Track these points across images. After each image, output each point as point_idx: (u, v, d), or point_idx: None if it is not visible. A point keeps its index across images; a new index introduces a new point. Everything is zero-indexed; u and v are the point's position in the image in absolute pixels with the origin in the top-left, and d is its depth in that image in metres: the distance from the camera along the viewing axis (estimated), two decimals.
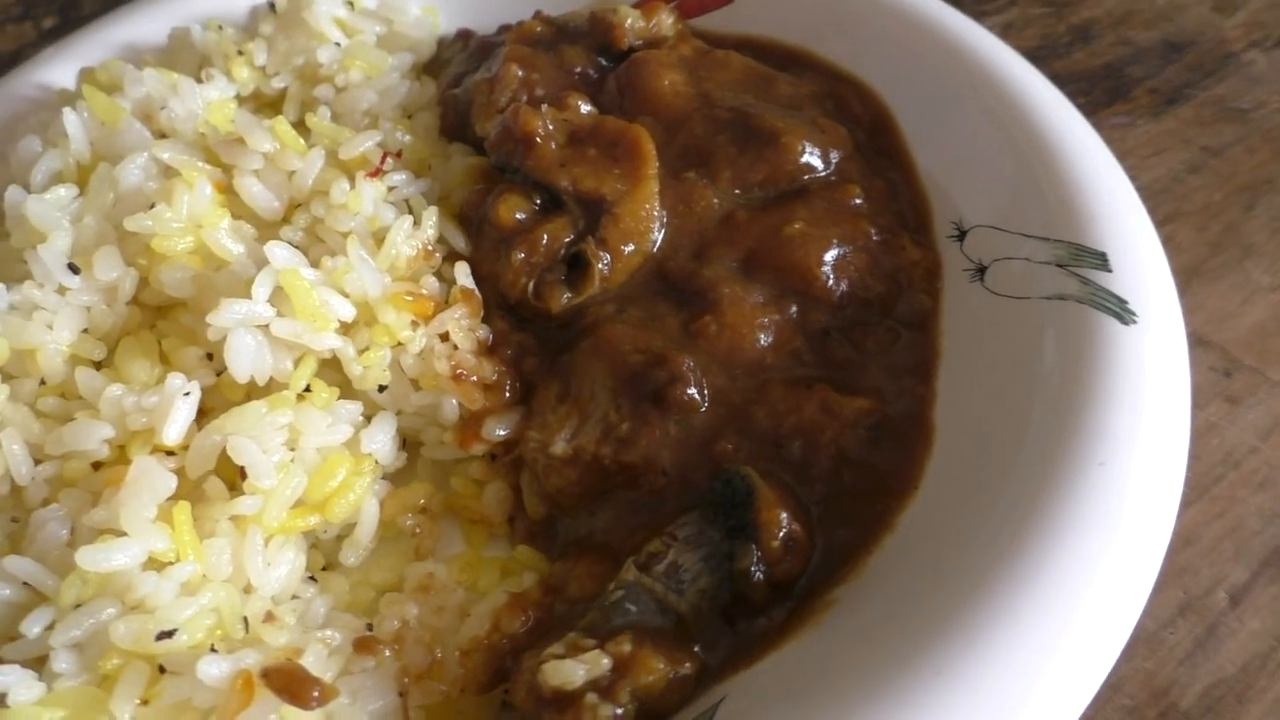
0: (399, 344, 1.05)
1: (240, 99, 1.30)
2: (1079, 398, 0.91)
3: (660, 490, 0.99)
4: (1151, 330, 0.96)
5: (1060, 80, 1.27)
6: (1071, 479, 0.85)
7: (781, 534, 0.90)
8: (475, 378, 1.07)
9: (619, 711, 0.80)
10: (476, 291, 1.12)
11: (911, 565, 0.90)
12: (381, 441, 1.05)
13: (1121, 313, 0.97)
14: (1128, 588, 0.81)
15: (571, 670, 0.80)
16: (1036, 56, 1.52)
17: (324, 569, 1.05)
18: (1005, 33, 1.78)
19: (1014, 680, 0.75)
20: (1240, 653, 1.02)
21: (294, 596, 0.97)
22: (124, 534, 0.86)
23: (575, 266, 1.15)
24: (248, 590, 0.93)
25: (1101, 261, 1.02)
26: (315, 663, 0.85)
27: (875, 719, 0.74)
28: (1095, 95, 1.68)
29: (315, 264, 1.05)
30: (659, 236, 1.16)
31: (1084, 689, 0.77)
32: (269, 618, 0.88)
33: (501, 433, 1.07)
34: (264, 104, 1.34)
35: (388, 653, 0.90)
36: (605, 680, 0.81)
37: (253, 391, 1.01)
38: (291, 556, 0.97)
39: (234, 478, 0.97)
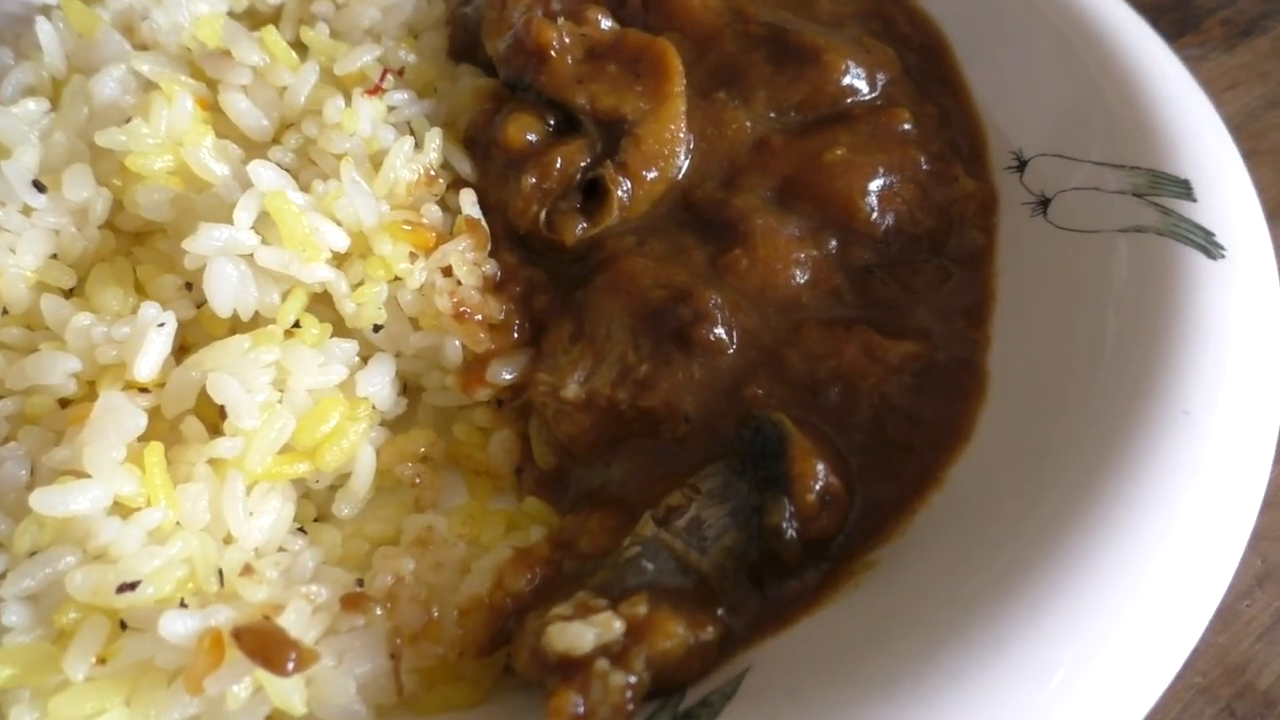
0: (396, 278, 0.95)
1: (232, 14, 1.20)
2: (1159, 339, 0.80)
3: (682, 439, 0.89)
4: (1241, 265, 0.85)
5: None
6: (1151, 429, 0.74)
7: (817, 487, 0.80)
8: (480, 316, 0.97)
9: (632, 680, 0.70)
10: (483, 221, 1.02)
11: (963, 525, 0.80)
12: (379, 385, 0.96)
13: (1208, 245, 0.86)
14: (1213, 553, 0.70)
15: (580, 633, 0.71)
16: None
17: (316, 521, 0.96)
18: None
19: (1080, 657, 0.65)
20: None
21: (280, 549, 0.89)
22: (87, 476, 0.78)
23: (592, 194, 1.04)
24: (228, 541, 0.84)
25: (1185, 190, 0.91)
26: (297, 620, 0.77)
27: (922, 696, 0.65)
28: (1163, 27, 1.52)
29: (306, 188, 0.95)
30: (685, 162, 1.05)
31: (1163, 668, 0.67)
32: (246, 570, 0.80)
33: (508, 375, 0.97)
34: (258, 21, 1.23)
35: (379, 611, 0.81)
36: (617, 645, 0.71)
37: (237, 327, 0.92)
38: (277, 506, 0.88)
39: (215, 420, 0.88)
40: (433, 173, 1.02)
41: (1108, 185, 0.96)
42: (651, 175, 1.03)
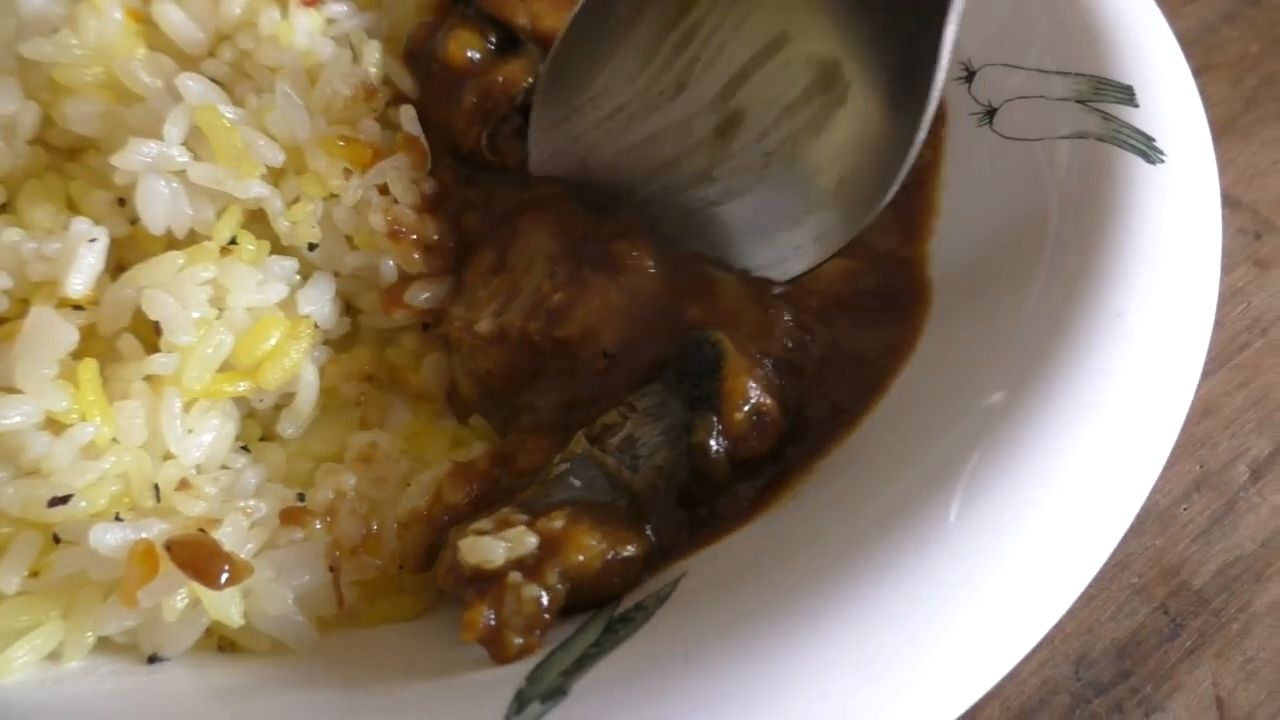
0: (332, 195, 0.94)
1: None
2: (1095, 242, 0.80)
3: (604, 373, 0.87)
4: (1181, 170, 0.85)
5: None
6: (1083, 329, 0.75)
7: (747, 406, 0.80)
8: (415, 236, 0.95)
9: (545, 594, 0.71)
10: (422, 139, 1.00)
11: (902, 429, 0.81)
12: (320, 303, 0.95)
13: (1148, 150, 0.86)
14: (1142, 449, 0.71)
15: (491, 547, 0.71)
16: None
17: (262, 440, 0.96)
18: None
19: (1006, 550, 0.66)
20: (1260, 529, 0.94)
21: (224, 468, 0.89)
22: (18, 392, 0.77)
23: None
24: (167, 459, 0.84)
25: (1127, 96, 0.90)
26: (234, 534, 0.77)
27: (849, 588, 0.65)
28: None
29: (241, 103, 0.93)
30: None
31: (1090, 559, 0.68)
32: (183, 485, 0.80)
33: (424, 297, 0.95)
34: None
35: (318, 525, 0.81)
36: (531, 559, 0.72)
37: (174, 245, 0.90)
38: (218, 424, 0.88)
39: (153, 339, 0.87)
40: (372, 87, 1.00)
41: (1052, 93, 0.95)
42: None
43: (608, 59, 0.96)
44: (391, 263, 0.95)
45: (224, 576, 0.71)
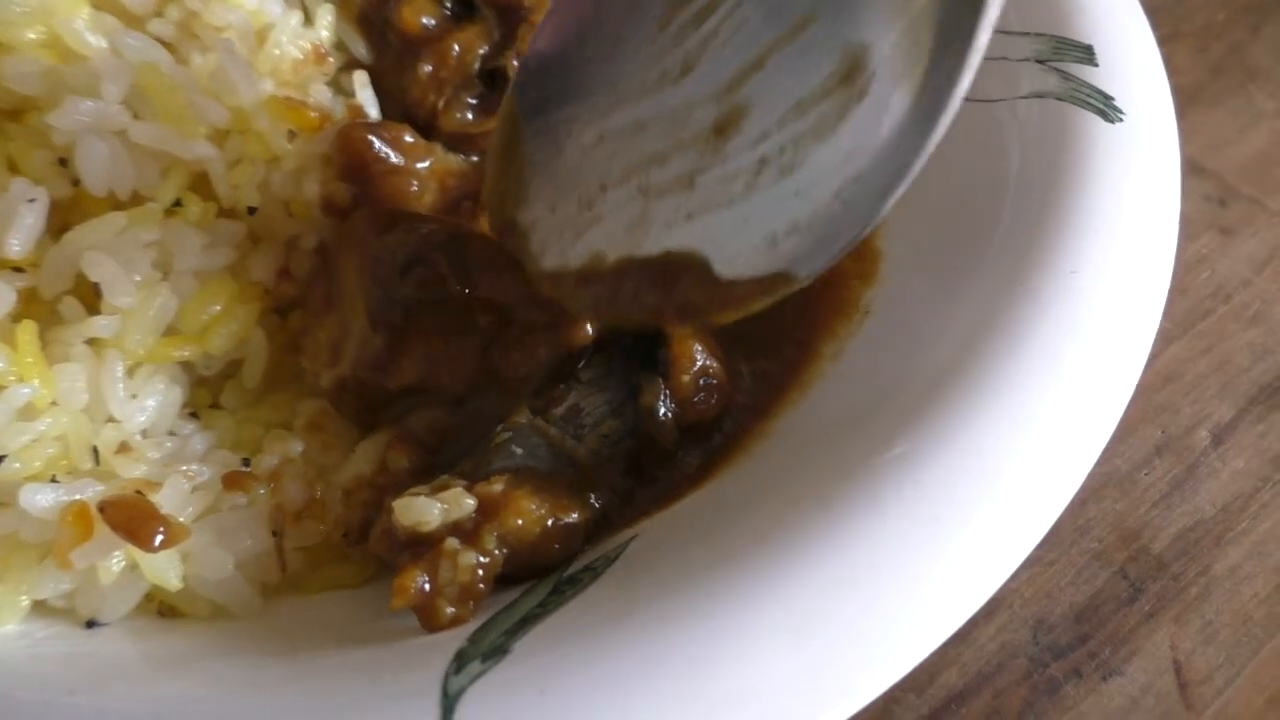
0: (275, 159, 0.92)
1: None
2: (1051, 199, 0.80)
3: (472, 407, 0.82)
4: (1138, 129, 0.84)
5: None
6: (1037, 285, 0.74)
7: (694, 368, 0.79)
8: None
9: (483, 560, 0.69)
10: (372, 107, 0.98)
11: (855, 390, 0.80)
12: (270, 269, 0.93)
13: (1106, 109, 0.85)
14: (1096, 406, 0.70)
15: (426, 508, 0.69)
16: None
17: (213, 408, 0.94)
18: None
19: (960, 506, 0.65)
20: (1220, 493, 0.93)
21: (171, 434, 0.87)
22: None
23: (495, 84, 1.01)
24: (110, 423, 0.82)
25: (1087, 55, 0.90)
26: (174, 496, 0.75)
27: (802, 546, 0.64)
28: None
29: (186, 63, 0.91)
30: None
31: (1043, 516, 0.67)
32: (122, 448, 0.78)
33: None
34: None
35: (262, 491, 0.80)
36: (468, 523, 0.70)
37: (119, 208, 0.89)
38: (163, 389, 0.85)
39: (97, 303, 0.85)
40: (322, 50, 0.98)
41: (1014, 53, 0.94)
42: None
43: (616, 27, 0.80)
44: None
45: (158, 539, 0.69)
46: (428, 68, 1.00)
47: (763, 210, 0.70)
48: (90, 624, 0.74)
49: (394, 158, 0.92)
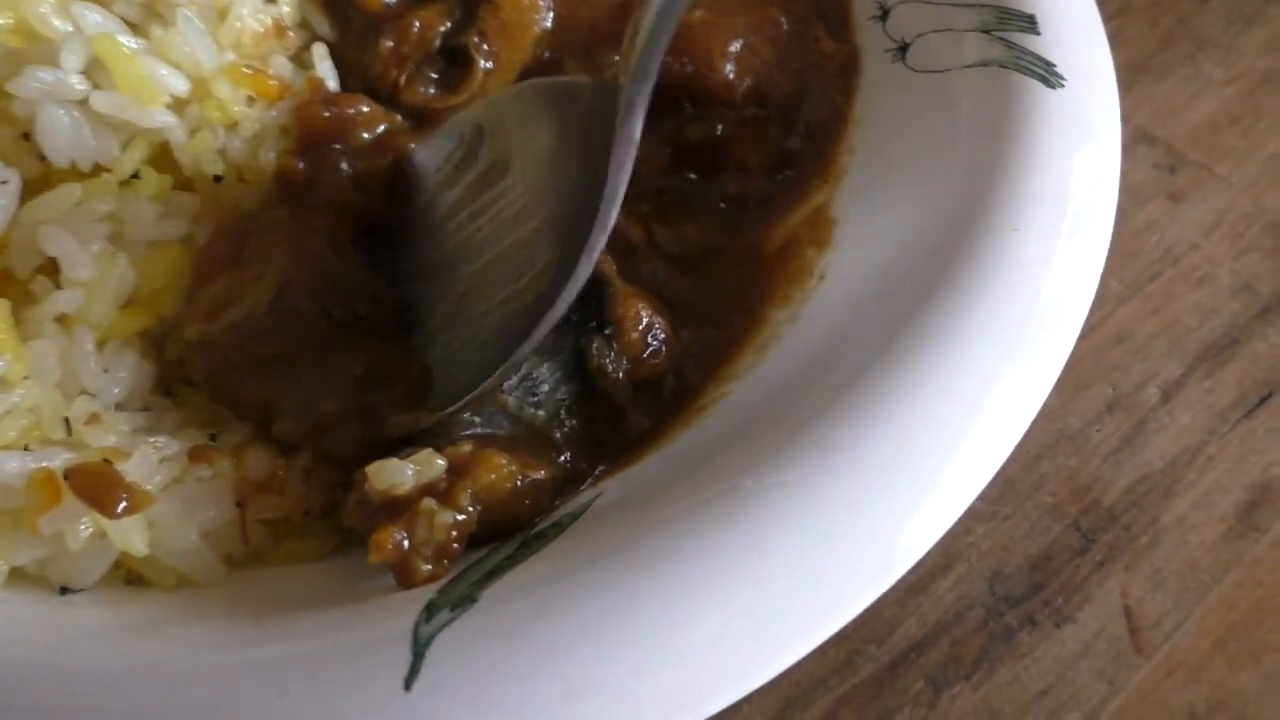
0: (234, 125, 0.93)
1: None
2: (995, 162, 0.82)
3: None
4: (1078, 94, 0.87)
5: None
6: (981, 243, 0.76)
7: (641, 325, 0.82)
8: None
9: (460, 518, 0.71)
10: (331, 81, 0.99)
11: (812, 349, 0.82)
12: None
13: (1048, 75, 0.87)
14: (1040, 356, 0.73)
15: (398, 470, 0.71)
16: None
17: (188, 384, 0.95)
18: None
19: (909, 460, 0.68)
20: (1169, 447, 0.96)
21: (145, 409, 0.88)
22: None
23: (455, 62, 1.02)
24: (83, 395, 0.83)
25: (1029, 24, 0.92)
26: (140, 466, 0.76)
27: (750, 501, 0.66)
28: None
29: (146, 35, 0.92)
30: (548, 21, 1.04)
31: (988, 464, 0.69)
32: (93, 419, 0.79)
33: None
34: None
35: (227, 464, 0.81)
36: (442, 483, 0.71)
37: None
38: (134, 363, 0.87)
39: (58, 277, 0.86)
40: (283, 24, 0.99)
41: (960, 24, 0.96)
42: (511, 45, 1.02)
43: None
44: None
45: (122, 505, 0.70)
46: (389, 43, 1.01)
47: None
48: (63, 590, 0.75)
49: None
